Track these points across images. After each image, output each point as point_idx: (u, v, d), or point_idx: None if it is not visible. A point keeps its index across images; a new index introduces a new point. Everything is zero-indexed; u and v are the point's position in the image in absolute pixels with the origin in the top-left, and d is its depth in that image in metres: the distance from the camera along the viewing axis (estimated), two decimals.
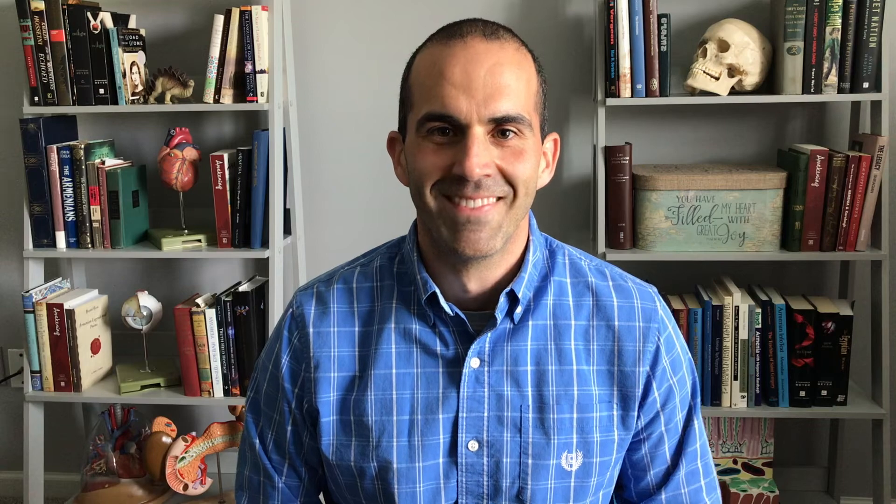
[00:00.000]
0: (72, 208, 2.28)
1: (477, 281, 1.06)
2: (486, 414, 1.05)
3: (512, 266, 1.07)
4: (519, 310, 1.06)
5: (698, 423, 1.15)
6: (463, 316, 1.05)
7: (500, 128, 0.97)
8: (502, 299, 1.04)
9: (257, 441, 1.15)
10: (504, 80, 0.96)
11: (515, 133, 0.98)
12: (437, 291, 1.05)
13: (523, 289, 1.06)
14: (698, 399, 1.15)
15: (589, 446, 1.07)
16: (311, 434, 1.12)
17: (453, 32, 1.00)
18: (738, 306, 2.13)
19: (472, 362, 1.06)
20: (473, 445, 1.05)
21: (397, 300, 1.09)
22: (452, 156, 0.97)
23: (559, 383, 1.06)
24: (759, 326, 2.15)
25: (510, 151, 0.98)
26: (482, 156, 0.96)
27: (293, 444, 1.13)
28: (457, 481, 1.06)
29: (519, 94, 0.98)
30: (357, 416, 1.07)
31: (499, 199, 0.99)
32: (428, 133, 0.98)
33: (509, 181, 0.99)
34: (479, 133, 0.96)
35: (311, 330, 1.10)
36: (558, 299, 1.09)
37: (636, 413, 1.09)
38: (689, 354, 1.16)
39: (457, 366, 1.06)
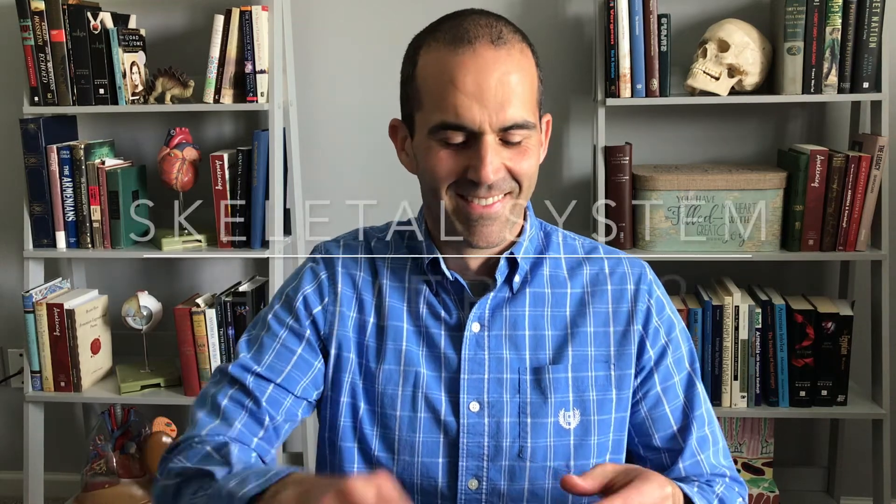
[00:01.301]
0: (72, 208, 2.28)
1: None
2: (486, 376, 1.10)
3: (509, 242, 1.13)
4: (517, 278, 1.13)
5: (701, 389, 1.18)
6: (463, 282, 1.12)
7: (509, 134, 1.02)
8: (502, 262, 1.11)
9: (245, 362, 1.11)
10: (512, 89, 1.01)
11: (521, 137, 1.04)
12: (440, 258, 1.12)
13: (521, 254, 1.13)
14: (697, 366, 1.19)
15: (586, 404, 1.11)
16: (322, 364, 1.13)
17: (460, 36, 1.02)
18: (738, 306, 2.14)
19: (473, 327, 1.12)
20: (475, 406, 1.10)
21: (410, 264, 1.16)
22: (466, 160, 1.03)
23: (555, 346, 1.12)
24: (759, 326, 2.15)
25: (517, 151, 1.04)
26: (495, 162, 1.02)
27: (295, 367, 1.11)
28: (457, 439, 1.09)
29: (525, 98, 1.03)
30: (367, 361, 1.12)
31: (506, 194, 1.06)
32: (441, 139, 1.03)
33: (515, 178, 1.05)
34: (490, 141, 1.01)
35: (339, 269, 1.16)
36: (554, 271, 1.16)
37: (632, 372, 1.13)
38: (684, 324, 1.21)
39: (458, 330, 1.12)
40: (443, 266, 1.12)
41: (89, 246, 2.29)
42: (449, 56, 1.01)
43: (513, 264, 1.12)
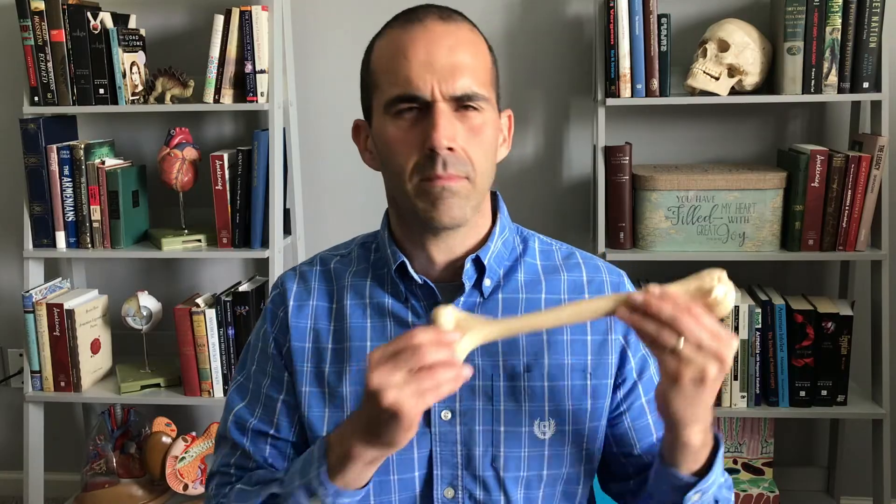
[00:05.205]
0: (72, 208, 2.28)
1: (445, 252, 1.09)
2: None
3: (478, 242, 1.11)
4: (488, 282, 1.10)
5: None
6: (432, 285, 1.09)
7: (462, 104, 1.02)
8: (468, 265, 1.08)
9: (241, 419, 1.15)
10: (462, 59, 1.03)
11: (476, 109, 1.03)
12: (407, 262, 1.09)
13: (489, 258, 1.10)
14: None
15: (562, 415, 1.09)
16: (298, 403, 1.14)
17: (411, 17, 1.06)
18: (738, 306, 2.13)
19: None
20: (446, 415, 1.08)
21: (371, 279, 1.14)
22: (422, 132, 1.02)
23: (530, 353, 1.09)
24: (759, 326, 2.15)
25: (469, 127, 1.03)
26: (448, 128, 1.01)
27: (284, 415, 1.14)
28: (430, 451, 1.08)
29: (477, 71, 1.04)
30: (331, 387, 1.10)
31: (464, 178, 1.03)
32: (397, 114, 1.03)
33: (470, 160, 1.03)
34: (444, 108, 1.01)
35: (291, 303, 1.15)
36: (529, 276, 1.13)
37: (609, 382, 1.11)
38: None
39: None
40: (410, 270, 1.09)
41: (89, 246, 2.29)
42: (400, 34, 1.05)
43: (481, 268, 1.09)
